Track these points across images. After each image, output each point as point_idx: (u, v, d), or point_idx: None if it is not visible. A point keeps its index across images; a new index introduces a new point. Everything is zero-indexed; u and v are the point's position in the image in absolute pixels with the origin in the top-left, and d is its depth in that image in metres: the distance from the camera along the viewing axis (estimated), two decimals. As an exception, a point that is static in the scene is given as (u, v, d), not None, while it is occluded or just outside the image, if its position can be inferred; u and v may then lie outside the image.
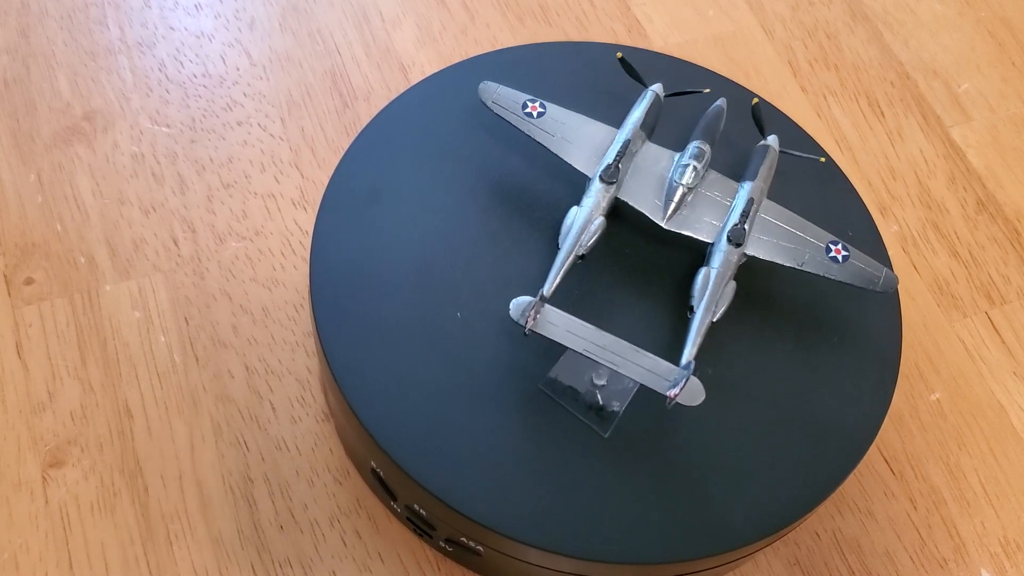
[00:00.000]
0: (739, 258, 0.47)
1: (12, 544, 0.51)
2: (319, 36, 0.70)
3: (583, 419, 0.46)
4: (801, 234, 0.48)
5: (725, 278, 0.47)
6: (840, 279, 0.47)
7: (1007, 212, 0.68)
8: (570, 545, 0.43)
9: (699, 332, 0.45)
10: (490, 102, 0.52)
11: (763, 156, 0.50)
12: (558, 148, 0.51)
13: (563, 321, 0.44)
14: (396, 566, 0.52)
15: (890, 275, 0.48)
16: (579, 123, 0.52)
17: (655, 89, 0.52)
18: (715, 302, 0.46)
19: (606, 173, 0.49)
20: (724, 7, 0.76)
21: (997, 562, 0.56)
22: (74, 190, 0.62)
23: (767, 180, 0.50)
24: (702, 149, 0.49)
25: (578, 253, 0.47)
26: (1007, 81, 0.75)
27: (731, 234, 0.47)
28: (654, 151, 0.51)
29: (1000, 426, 0.60)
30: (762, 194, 0.49)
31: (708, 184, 0.49)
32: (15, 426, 0.54)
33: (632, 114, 0.51)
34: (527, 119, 0.52)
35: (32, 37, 0.68)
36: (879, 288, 0.47)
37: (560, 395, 0.46)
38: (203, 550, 0.52)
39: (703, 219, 0.49)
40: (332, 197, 0.51)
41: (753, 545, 0.45)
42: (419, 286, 0.48)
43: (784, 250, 0.48)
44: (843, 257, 0.48)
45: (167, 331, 0.58)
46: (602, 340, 0.44)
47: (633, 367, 0.43)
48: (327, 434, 0.55)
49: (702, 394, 0.43)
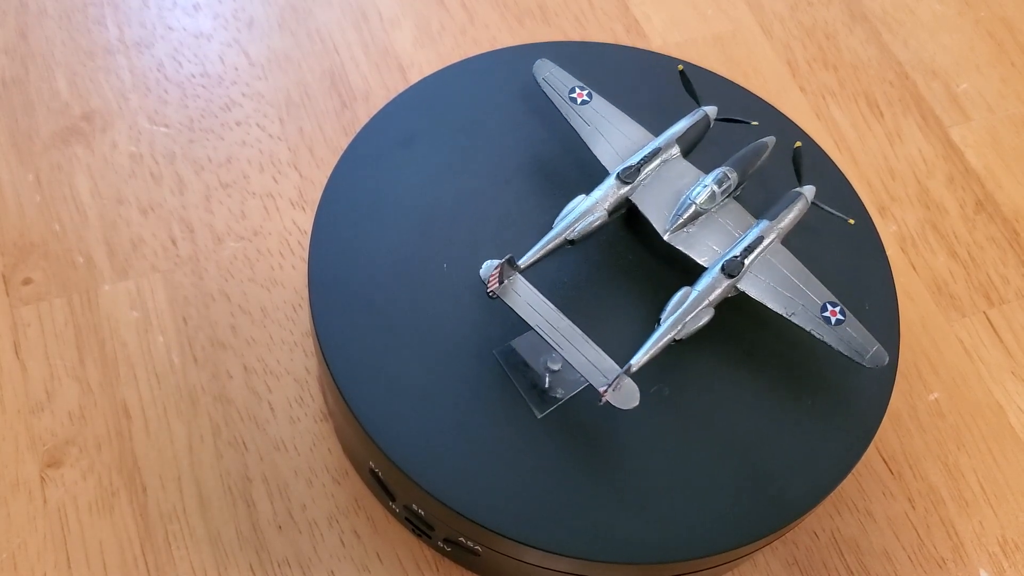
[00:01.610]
0: (727, 290, 0.46)
1: (10, 544, 0.51)
2: (318, 36, 0.70)
3: (523, 395, 0.46)
4: (802, 286, 0.47)
5: (703, 302, 0.46)
6: (827, 340, 0.46)
7: (1006, 212, 0.68)
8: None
9: (655, 344, 0.44)
10: (541, 78, 0.53)
11: (790, 202, 0.49)
12: (589, 137, 0.51)
13: (527, 294, 0.45)
14: (394, 566, 0.52)
15: (880, 352, 0.46)
16: (618, 120, 0.51)
17: (707, 110, 0.51)
18: (683, 322, 0.45)
19: (624, 172, 0.49)
20: (723, 7, 0.76)
21: (996, 562, 0.56)
22: (72, 190, 0.62)
23: (786, 225, 0.48)
24: (727, 175, 0.49)
25: (568, 237, 0.47)
26: (1006, 81, 0.75)
27: (727, 264, 0.46)
28: (683, 167, 0.50)
29: (999, 426, 0.60)
30: (775, 236, 0.48)
31: (724, 212, 0.49)
32: (13, 426, 0.54)
33: (674, 126, 0.51)
34: (570, 103, 0.52)
35: (30, 37, 0.68)
36: (866, 362, 0.45)
37: (510, 366, 0.46)
38: (201, 550, 0.52)
39: (706, 243, 0.48)
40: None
41: (752, 545, 0.45)
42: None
43: (778, 295, 0.47)
44: (836, 320, 0.46)
45: (165, 331, 0.58)
46: (557, 322, 0.44)
47: (577, 355, 0.43)
48: (325, 434, 0.55)
49: (636, 399, 0.43)
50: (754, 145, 0.51)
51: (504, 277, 0.44)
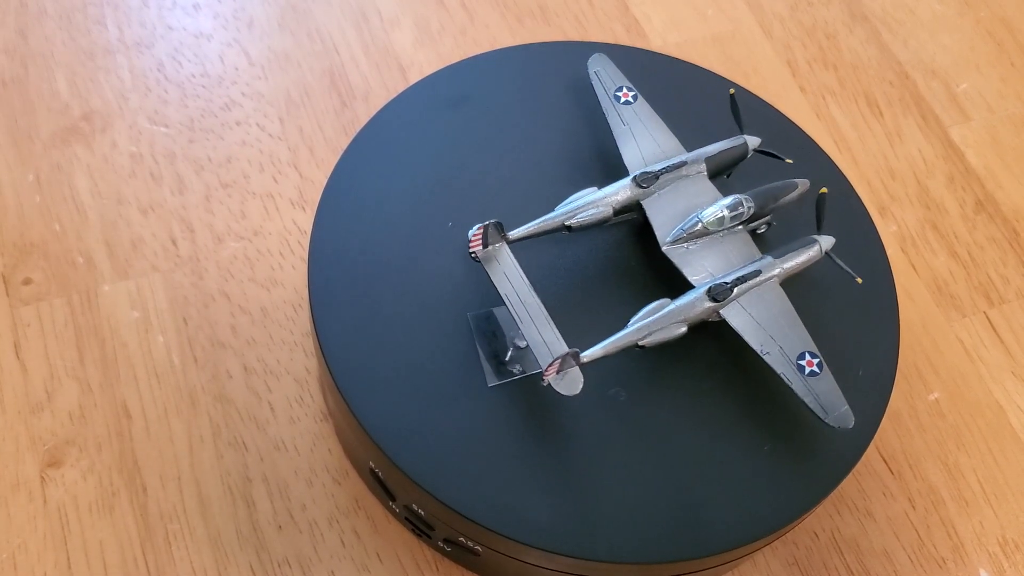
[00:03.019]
0: (708, 312, 0.46)
1: (10, 544, 0.51)
2: (318, 36, 0.70)
3: (482, 362, 0.46)
4: (786, 329, 0.46)
5: (678, 317, 0.45)
6: (794, 388, 0.44)
7: (1006, 212, 0.68)
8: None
9: (614, 342, 0.44)
10: (593, 71, 0.54)
11: (802, 246, 0.48)
12: (621, 137, 0.51)
13: (507, 263, 0.45)
14: (394, 566, 0.52)
15: (847, 414, 0.44)
16: (654, 127, 0.51)
17: (748, 139, 0.51)
18: (651, 329, 0.44)
19: (642, 176, 0.48)
20: (723, 7, 0.76)
21: (996, 562, 0.56)
22: (72, 190, 0.62)
23: (789, 268, 0.47)
24: (742, 203, 0.48)
25: (566, 222, 0.47)
26: (1006, 81, 0.75)
27: (713, 287, 0.46)
28: (704, 186, 0.49)
29: (999, 426, 0.60)
30: (774, 275, 0.47)
31: (730, 239, 0.48)
32: (13, 426, 0.54)
33: (709, 146, 0.50)
34: (613, 100, 0.52)
35: (30, 37, 0.68)
36: (828, 420, 0.44)
37: (480, 331, 0.47)
38: (201, 550, 0.52)
39: (702, 263, 0.47)
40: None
41: (752, 545, 0.45)
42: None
43: (757, 332, 0.45)
44: (810, 371, 0.45)
45: (165, 331, 0.58)
46: (527, 297, 0.44)
47: (535, 333, 0.43)
48: (325, 434, 0.55)
49: (578, 388, 0.43)
50: (783, 183, 0.50)
51: (489, 241, 0.44)
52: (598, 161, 0.53)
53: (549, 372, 0.42)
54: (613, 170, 0.51)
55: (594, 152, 0.53)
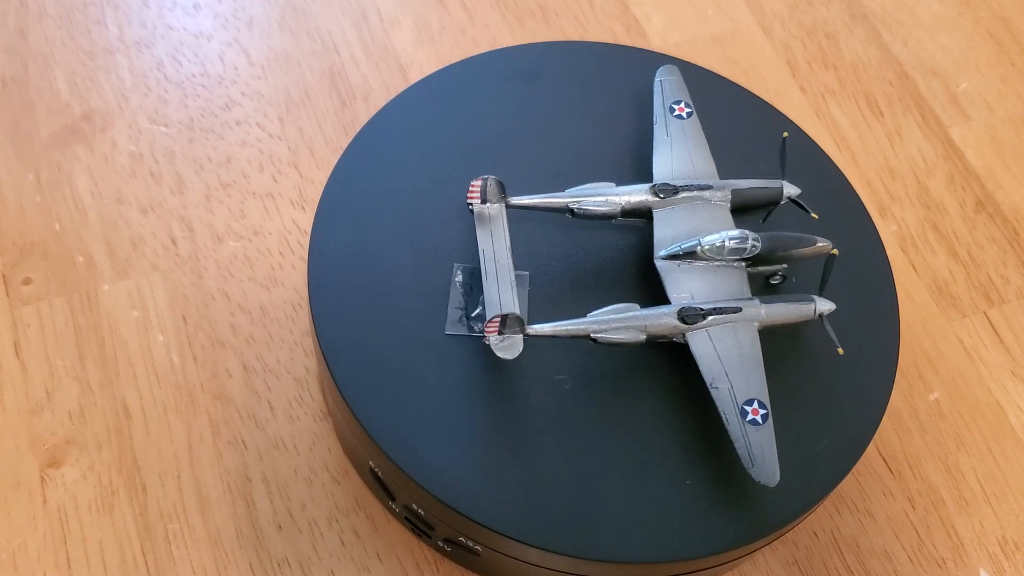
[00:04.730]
0: (672, 330, 0.45)
1: (10, 544, 0.51)
2: (318, 36, 0.70)
3: (448, 309, 0.47)
4: (745, 372, 0.44)
5: (639, 323, 0.44)
6: (729, 429, 0.43)
7: (1006, 212, 0.68)
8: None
9: (567, 326, 0.44)
10: (659, 79, 0.54)
11: (796, 301, 0.47)
12: (659, 147, 0.51)
13: (497, 223, 0.45)
14: (394, 566, 0.52)
15: (774, 471, 0.43)
16: (695, 147, 0.51)
17: (785, 185, 0.49)
18: (607, 324, 0.44)
19: (661, 186, 0.48)
20: (723, 6, 0.76)
21: (996, 562, 0.56)
22: (72, 190, 0.62)
23: (773, 316, 0.46)
24: (747, 239, 0.46)
25: (571, 205, 0.47)
26: (1006, 81, 0.75)
27: (685, 309, 0.45)
28: (720, 215, 0.48)
29: (999, 426, 0.60)
30: (754, 317, 0.45)
31: (727, 272, 0.47)
32: (13, 426, 0.54)
33: (741, 180, 0.49)
34: (667, 111, 0.52)
35: (30, 36, 0.68)
36: (752, 472, 0.43)
37: (460, 283, 0.47)
38: (201, 549, 0.52)
39: (688, 285, 0.46)
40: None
41: (751, 545, 0.45)
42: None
43: (714, 364, 0.44)
44: (751, 419, 0.43)
45: (165, 330, 0.58)
46: (501, 258, 0.45)
47: (493, 290, 0.44)
48: (325, 433, 0.55)
49: (514, 354, 0.43)
50: (801, 235, 0.48)
51: (487, 197, 0.44)
52: (611, 166, 0.53)
53: (491, 328, 0.42)
54: (634, 178, 0.51)
55: (604, 157, 0.53)
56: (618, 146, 0.54)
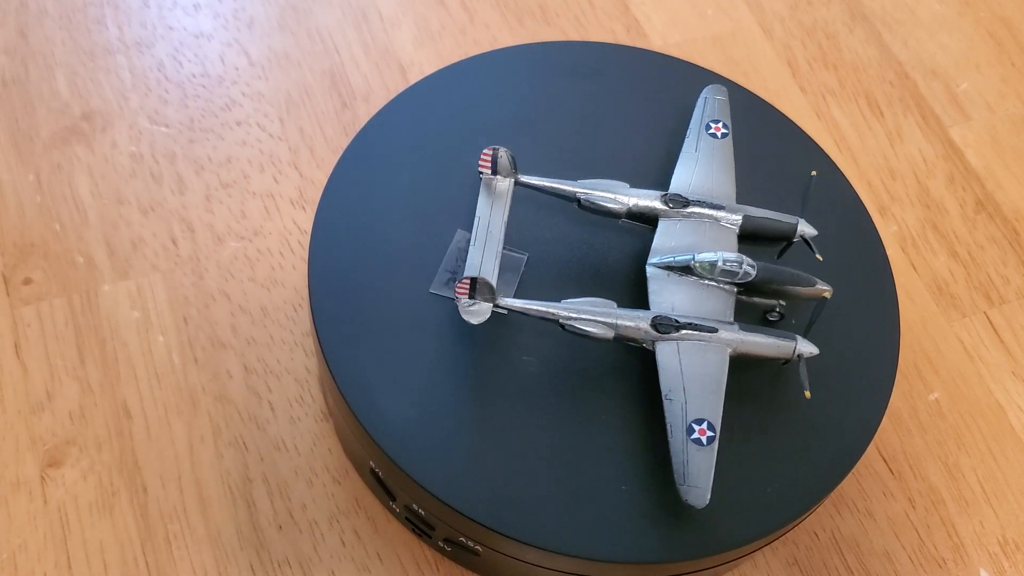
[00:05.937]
0: (640, 335, 0.45)
1: (11, 544, 0.51)
2: (318, 36, 0.70)
3: (438, 269, 0.48)
4: (703, 393, 0.44)
5: (610, 320, 0.44)
6: (671, 442, 0.43)
7: (1006, 212, 0.68)
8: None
9: (537, 306, 0.44)
10: (703, 96, 0.54)
11: (775, 336, 0.46)
12: (684, 161, 0.51)
13: (500, 196, 0.46)
14: (395, 566, 0.52)
15: (704, 493, 0.42)
16: (720, 168, 0.51)
17: (801, 224, 0.48)
18: (579, 313, 0.44)
19: (672, 196, 0.48)
20: (723, 6, 0.76)
21: (996, 562, 0.56)
22: (72, 190, 0.62)
23: (749, 344, 0.45)
24: (742, 263, 0.46)
25: (579, 194, 0.47)
26: (1006, 81, 0.75)
27: (659, 318, 0.45)
28: (727, 238, 0.48)
29: (999, 426, 0.60)
30: (728, 342, 0.45)
31: (715, 293, 0.46)
32: (14, 426, 0.54)
33: (756, 208, 0.49)
34: (702, 129, 0.52)
35: (31, 37, 0.68)
36: (681, 490, 0.42)
37: (456, 247, 0.48)
38: (202, 550, 0.52)
39: (672, 297, 0.46)
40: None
41: (752, 545, 0.45)
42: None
43: (674, 378, 0.44)
44: (695, 439, 0.43)
45: (166, 331, 0.58)
46: (494, 228, 0.45)
47: (477, 256, 0.45)
48: (326, 434, 0.55)
49: (480, 319, 0.44)
50: (800, 273, 0.47)
51: (498, 167, 0.46)
52: (618, 171, 0.52)
53: (461, 290, 0.43)
54: (649, 186, 0.50)
55: (606, 162, 0.53)
56: (620, 151, 0.54)
